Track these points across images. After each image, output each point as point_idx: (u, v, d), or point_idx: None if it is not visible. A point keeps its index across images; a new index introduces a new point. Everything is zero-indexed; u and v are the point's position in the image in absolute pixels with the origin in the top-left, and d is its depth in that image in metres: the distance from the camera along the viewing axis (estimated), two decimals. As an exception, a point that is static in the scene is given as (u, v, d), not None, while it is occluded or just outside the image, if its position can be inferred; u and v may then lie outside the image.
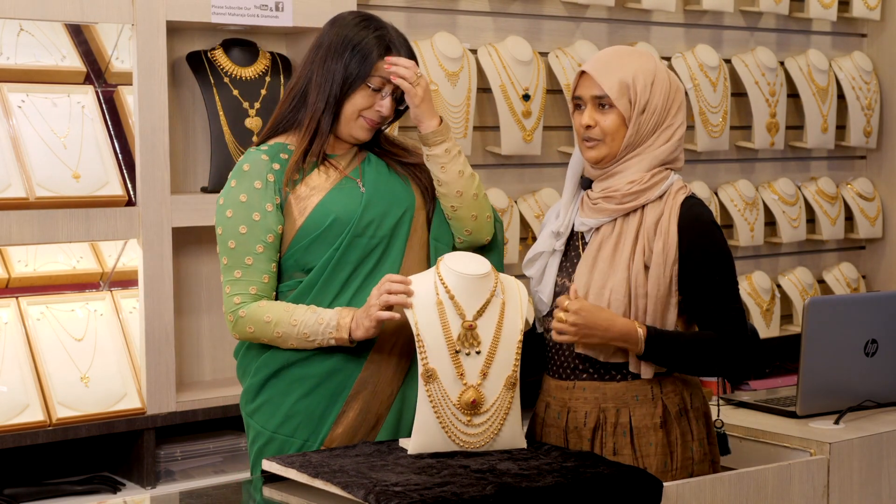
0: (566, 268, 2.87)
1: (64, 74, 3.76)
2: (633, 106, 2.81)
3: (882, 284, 5.57)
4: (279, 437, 2.88)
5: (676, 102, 2.85)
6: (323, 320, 2.78)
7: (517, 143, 4.40)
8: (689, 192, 2.86)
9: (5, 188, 3.50)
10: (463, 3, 4.43)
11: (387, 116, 2.90)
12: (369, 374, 2.87)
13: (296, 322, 2.78)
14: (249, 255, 2.83)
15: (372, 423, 2.88)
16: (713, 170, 5.08)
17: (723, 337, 2.79)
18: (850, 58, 5.44)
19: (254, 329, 2.82)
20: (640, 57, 2.85)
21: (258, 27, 3.85)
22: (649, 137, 2.83)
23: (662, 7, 4.74)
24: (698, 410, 2.86)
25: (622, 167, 2.84)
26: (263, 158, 2.87)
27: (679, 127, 2.86)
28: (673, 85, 2.85)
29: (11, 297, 3.63)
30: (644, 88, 2.81)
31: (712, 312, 2.80)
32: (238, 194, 2.84)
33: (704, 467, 2.85)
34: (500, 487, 2.42)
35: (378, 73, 2.85)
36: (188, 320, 3.90)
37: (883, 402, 3.48)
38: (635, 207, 2.81)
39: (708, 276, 2.79)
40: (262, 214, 2.83)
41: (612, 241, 2.81)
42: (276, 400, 2.88)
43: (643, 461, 2.77)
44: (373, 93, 2.87)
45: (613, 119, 2.82)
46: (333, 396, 2.86)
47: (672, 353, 2.77)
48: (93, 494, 3.55)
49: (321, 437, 2.86)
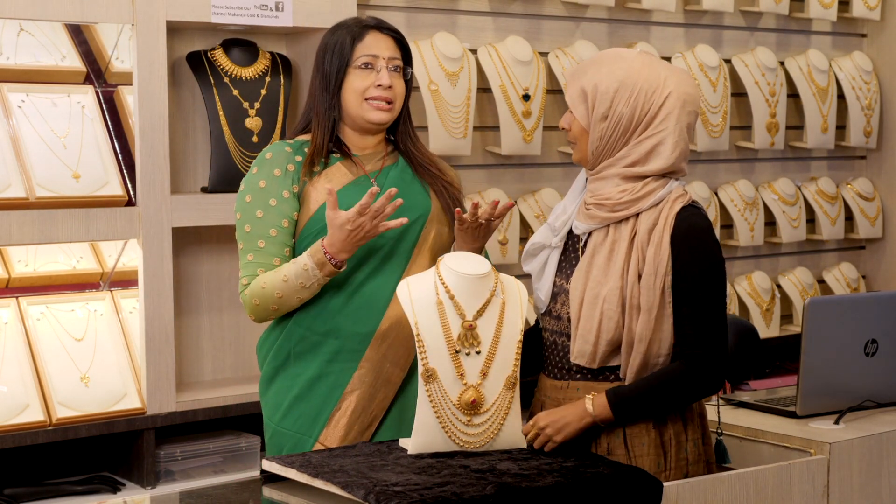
0: (564, 268, 2.86)
1: (64, 74, 3.76)
2: (590, 113, 2.76)
3: (882, 284, 5.57)
4: (280, 430, 2.93)
5: (665, 110, 2.74)
6: (300, 261, 2.82)
7: (517, 143, 4.40)
8: (689, 200, 2.78)
9: (5, 188, 3.50)
10: (463, 3, 4.43)
11: (390, 87, 2.92)
12: (364, 373, 2.89)
13: (286, 277, 2.83)
14: (263, 238, 2.87)
15: (367, 423, 2.90)
16: (713, 170, 5.08)
17: (690, 364, 2.71)
18: (850, 58, 5.44)
19: (258, 301, 2.86)
20: (615, 63, 2.77)
21: (258, 27, 3.85)
22: (621, 147, 2.76)
23: (662, 7, 4.75)
24: (693, 411, 2.85)
25: (602, 174, 2.80)
26: (287, 150, 2.93)
27: (668, 136, 2.75)
28: (657, 92, 2.74)
29: (11, 297, 3.63)
30: (604, 96, 2.74)
31: (687, 329, 2.72)
32: (258, 180, 2.90)
33: (700, 468, 2.84)
34: (500, 487, 2.42)
35: (360, 52, 2.91)
36: (188, 320, 3.90)
37: (883, 402, 3.48)
38: (627, 216, 2.77)
39: (689, 290, 2.72)
40: (279, 200, 2.88)
41: (607, 248, 2.78)
42: (280, 394, 2.94)
43: (636, 461, 2.76)
44: (365, 72, 2.91)
45: (577, 124, 2.80)
46: (328, 395, 2.89)
47: (642, 406, 2.73)
48: (93, 494, 3.55)
49: (315, 435, 2.89)
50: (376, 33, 2.94)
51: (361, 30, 2.93)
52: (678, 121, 2.76)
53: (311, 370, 2.90)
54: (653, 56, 2.84)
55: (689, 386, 2.73)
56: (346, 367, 2.89)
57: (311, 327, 2.90)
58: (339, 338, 2.89)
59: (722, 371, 2.75)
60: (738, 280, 5.08)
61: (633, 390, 2.73)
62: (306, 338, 2.91)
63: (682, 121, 2.77)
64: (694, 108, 2.80)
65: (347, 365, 2.89)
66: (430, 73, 4.20)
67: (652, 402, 2.74)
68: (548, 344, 2.89)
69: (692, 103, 2.79)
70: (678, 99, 2.76)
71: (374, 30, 2.94)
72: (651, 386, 2.73)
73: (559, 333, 2.84)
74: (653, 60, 2.80)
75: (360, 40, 2.92)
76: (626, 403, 2.72)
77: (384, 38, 2.94)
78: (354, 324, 2.89)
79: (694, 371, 2.72)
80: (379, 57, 2.92)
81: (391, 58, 2.93)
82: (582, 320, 2.77)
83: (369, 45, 2.92)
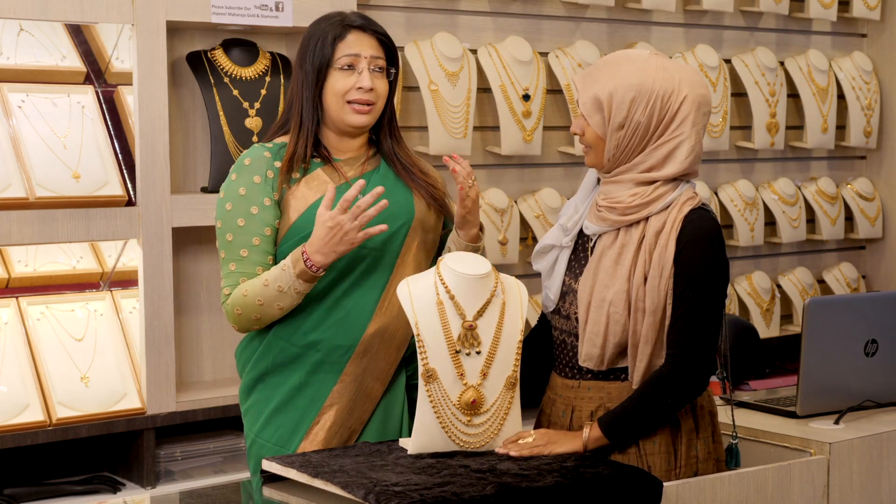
0: (574, 268, 2.86)
1: (64, 74, 3.76)
2: (607, 122, 2.75)
3: (882, 284, 5.57)
4: (259, 440, 2.89)
5: (681, 115, 2.74)
6: (281, 264, 2.76)
7: (517, 144, 4.40)
8: (699, 202, 2.78)
9: (5, 188, 3.50)
10: (463, 3, 4.43)
11: (371, 90, 2.85)
12: (343, 387, 2.85)
13: (266, 281, 2.77)
14: (245, 247, 2.82)
15: (345, 436, 2.86)
16: (713, 170, 5.08)
17: (670, 367, 2.71)
18: (850, 58, 5.44)
19: (240, 310, 2.80)
20: (627, 67, 2.75)
21: (258, 27, 3.85)
22: (638, 153, 2.76)
23: (662, 7, 4.74)
24: (703, 409, 2.85)
25: (618, 178, 2.79)
26: (266, 155, 2.87)
27: (685, 140, 2.75)
28: (673, 97, 2.73)
29: (11, 297, 3.63)
30: (620, 105, 2.73)
31: (677, 330, 2.71)
32: (237, 188, 2.84)
33: (709, 466, 2.84)
34: (500, 487, 2.42)
35: (341, 52, 2.84)
36: (188, 320, 3.90)
37: (883, 402, 3.48)
38: (638, 219, 2.76)
39: (684, 291, 2.71)
40: (261, 208, 2.82)
41: (615, 251, 2.77)
42: (260, 404, 2.90)
43: (647, 459, 2.76)
44: (346, 73, 2.84)
45: (592, 132, 2.78)
46: (307, 408, 2.86)
47: (634, 422, 2.73)
48: (93, 494, 3.55)
49: (294, 448, 2.85)
50: (359, 33, 2.86)
51: (343, 29, 2.86)
52: (694, 124, 2.77)
53: (291, 381, 2.86)
54: (662, 56, 2.82)
55: (670, 390, 2.72)
56: (326, 379, 2.85)
57: (291, 340, 2.85)
58: (319, 350, 2.84)
59: (704, 373, 2.74)
60: (738, 280, 5.08)
61: (621, 410, 2.73)
62: (286, 350, 2.86)
63: (697, 123, 2.77)
64: (707, 108, 2.80)
65: (328, 377, 2.85)
66: (430, 73, 4.20)
67: (642, 415, 2.73)
68: (558, 343, 2.89)
69: (706, 104, 2.79)
70: (693, 102, 2.76)
71: (357, 29, 2.87)
72: (637, 399, 2.73)
73: (568, 333, 2.84)
74: (665, 62, 2.78)
75: (342, 39, 2.85)
76: (618, 426, 2.72)
77: (367, 38, 2.87)
78: (335, 336, 2.84)
79: (674, 374, 2.72)
80: (361, 56, 2.84)
81: (374, 57, 2.86)
82: (589, 323, 2.77)
83: (351, 44, 2.85)
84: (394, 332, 2.87)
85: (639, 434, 2.75)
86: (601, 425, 2.72)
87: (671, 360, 2.71)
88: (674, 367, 2.71)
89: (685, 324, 2.71)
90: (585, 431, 2.72)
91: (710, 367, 2.74)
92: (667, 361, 2.72)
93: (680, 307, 2.71)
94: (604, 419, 2.73)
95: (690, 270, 2.72)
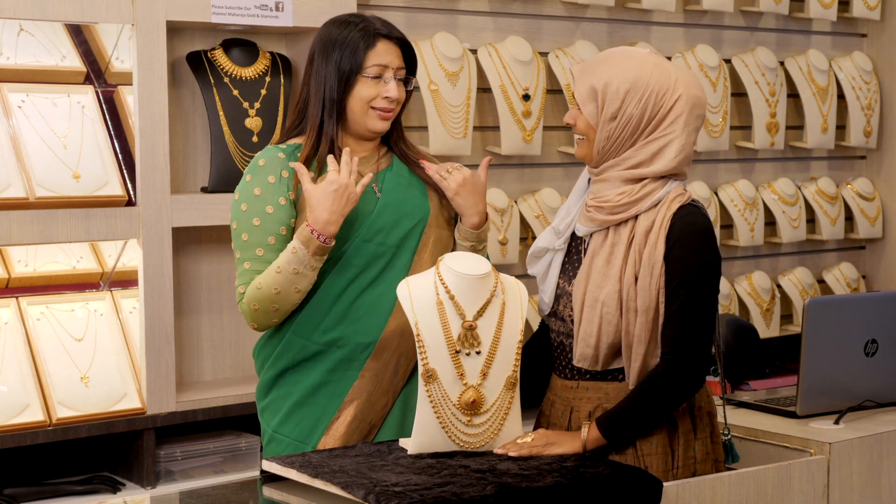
0: (568, 270, 2.86)
1: (64, 74, 3.76)
2: (600, 112, 2.76)
3: (882, 284, 5.57)
4: (278, 436, 2.91)
5: (674, 113, 2.75)
6: (289, 248, 2.78)
7: (517, 143, 4.40)
8: (688, 199, 2.78)
9: (5, 188, 3.50)
10: (463, 3, 4.43)
11: (396, 100, 2.90)
12: (364, 383, 2.87)
13: (279, 268, 2.78)
14: (261, 246, 2.83)
15: (365, 431, 2.88)
16: (713, 170, 5.08)
17: (665, 365, 2.71)
18: (850, 58, 5.44)
19: (257, 304, 2.81)
20: (625, 62, 2.76)
21: (258, 27, 3.85)
22: (628, 147, 2.76)
23: (662, 7, 4.75)
24: (701, 409, 2.85)
25: (605, 176, 2.79)
26: (280, 156, 2.88)
27: (675, 139, 2.75)
28: (668, 95, 2.74)
29: (11, 297, 3.63)
30: (615, 96, 2.73)
31: (670, 327, 2.71)
32: (252, 188, 2.86)
33: (707, 466, 2.84)
34: (500, 487, 2.42)
35: (371, 62, 2.87)
36: (188, 320, 3.90)
37: (883, 402, 3.48)
38: (626, 218, 2.76)
39: (676, 288, 2.70)
40: (276, 208, 2.84)
41: (606, 250, 2.77)
42: (279, 401, 2.91)
43: (644, 460, 2.76)
44: (374, 82, 2.88)
45: (584, 121, 2.79)
46: (328, 403, 2.87)
47: (632, 422, 2.72)
48: (93, 494, 3.55)
49: (313, 443, 2.87)
50: (387, 42, 2.90)
51: (374, 38, 2.88)
52: (686, 124, 2.77)
53: (312, 378, 2.88)
54: (661, 57, 2.83)
55: (666, 388, 2.72)
56: (346, 376, 2.87)
57: (311, 337, 2.87)
58: (340, 347, 2.86)
59: (699, 371, 2.73)
60: (738, 280, 5.09)
61: (618, 410, 2.73)
62: (307, 347, 2.87)
63: (689, 124, 2.78)
64: (701, 111, 2.80)
65: (348, 373, 2.87)
66: (430, 73, 4.20)
67: (639, 414, 2.73)
68: (555, 345, 2.89)
69: (700, 107, 2.80)
70: (687, 102, 2.76)
71: (385, 38, 2.90)
72: (634, 399, 2.73)
73: (566, 335, 2.84)
74: (663, 62, 2.79)
75: (372, 48, 2.87)
76: (616, 425, 2.72)
77: (393, 47, 2.90)
78: (355, 333, 2.86)
79: (669, 372, 2.71)
80: (388, 67, 2.89)
81: (399, 68, 2.91)
82: (583, 324, 2.77)
83: (381, 53, 2.88)
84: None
85: (637, 433, 2.75)
86: (599, 425, 2.72)
87: (666, 359, 2.71)
88: (669, 366, 2.71)
89: (679, 321, 2.71)
90: (584, 432, 2.72)
91: (706, 364, 2.74)
92: (662, 360, 2.72)
93: (673, 305, 2.71)
94: (601, 419, 2.73)
95: (681, 267, 2.71)
